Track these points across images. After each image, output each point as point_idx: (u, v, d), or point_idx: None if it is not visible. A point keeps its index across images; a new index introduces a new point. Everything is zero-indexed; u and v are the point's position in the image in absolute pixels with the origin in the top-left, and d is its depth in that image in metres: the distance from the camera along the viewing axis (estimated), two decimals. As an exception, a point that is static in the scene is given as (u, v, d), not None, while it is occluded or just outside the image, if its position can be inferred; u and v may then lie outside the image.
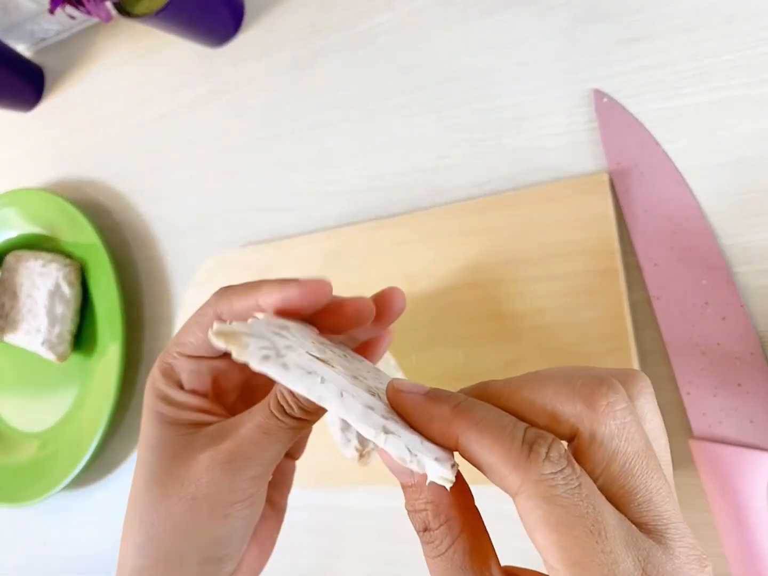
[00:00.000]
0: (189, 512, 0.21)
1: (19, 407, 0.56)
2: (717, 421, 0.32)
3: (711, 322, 0.33)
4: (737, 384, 0.32)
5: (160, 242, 0.53)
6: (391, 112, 0.44)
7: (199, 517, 0.21)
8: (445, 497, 0.18)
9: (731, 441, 0.32)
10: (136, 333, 0.52)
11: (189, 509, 0.21)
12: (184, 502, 0.21)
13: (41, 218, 0.55)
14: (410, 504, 0.20)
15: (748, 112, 0.34)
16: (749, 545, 0.30)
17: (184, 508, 0.21)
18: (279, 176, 0.48)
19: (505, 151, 0.39)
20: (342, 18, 0.46)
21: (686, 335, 0.34)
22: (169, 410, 0.23)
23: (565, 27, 0.38)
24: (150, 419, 0.23)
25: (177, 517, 0.21)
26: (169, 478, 0.22)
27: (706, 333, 0.33)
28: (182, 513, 0.21)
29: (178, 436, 0.22)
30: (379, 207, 0.43)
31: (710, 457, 0.32)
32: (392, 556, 0.40)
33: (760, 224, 0.33)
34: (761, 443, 0.31)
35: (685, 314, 0.34)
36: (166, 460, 0.22)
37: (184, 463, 0.21)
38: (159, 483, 0.22)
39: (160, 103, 0.54)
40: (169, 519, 0.21)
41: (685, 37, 0.35)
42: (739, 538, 0.30)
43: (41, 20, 0.59)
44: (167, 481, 0.22)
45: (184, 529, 0.21)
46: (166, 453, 0.22)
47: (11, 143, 0.63)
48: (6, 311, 0.53)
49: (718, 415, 0.32)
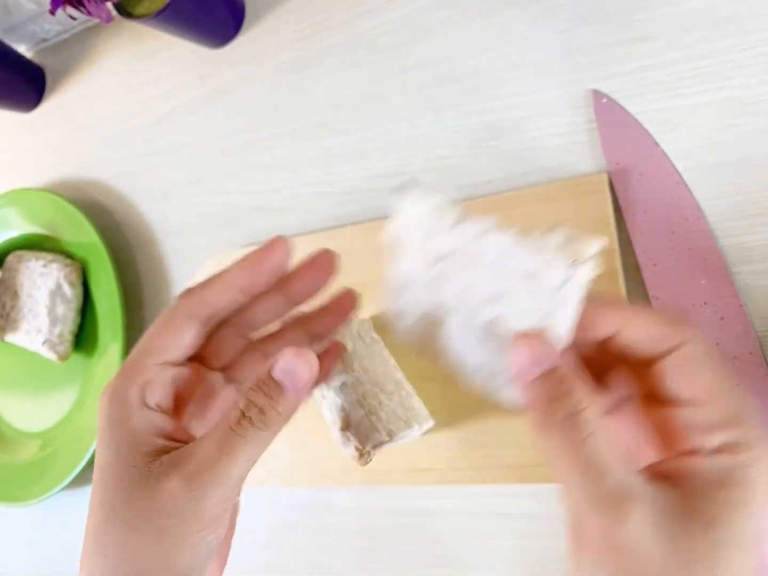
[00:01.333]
0: (155, 545, 0.21)
1: (20, 407, 0.57)
2: (716, 421, 0.32)
3: (710, 321, 0.33)
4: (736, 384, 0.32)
5: (160, 242, 0.53)
6: (391, 112, 0.44)
7: (166, 549, 0.21)
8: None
9: (730, 440, 0.32)
10: (137, 333, 0.52)
11: (155, 542, 0.21)
12: (150, 535, 0.21)
13: (42, 218, 0.56)
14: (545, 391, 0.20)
15: (746, 112, 0.34)
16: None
17: (149, 541, 0.21)
18: (279, 176, 0.48)
19: (505, 151, 0.39)
20: (342, 19, 0.46)
21: (685, 335, 0.34)
22: (128, 437, 0.22)
23: (565, 28, 0.39)
24: (107, 445, 0.22)
25: (143, 551, 0.21)
26: (131, 512, 0.21)
27: (705, 333, 0.33)
28: (148, 546, 0.21)
29: (139, 466, 0.21)
30: (379, 207, 0.43)
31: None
32: (391, 555, 0.40)
33: (759, 224, 0.33)
34: (760, 443, 0.31)
35: (684, 314, 0.34)
36: (126, 492, 0.21)
37: (147, 494, 0.21)
38: (120, 517, 0.21)
39: (160, 104, 0.54)
40: (134, 553, 0.21)
41: (684, 38, 0.35)
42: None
43: (42, 21, 0.60)
44: (130, 514, 0.21)
45: (151, 561, 0.21)
46: (126, 483, 0.21)
47: (12, 143, 0.63)
48: (7, 311, 0.53)
49: (716, 414, 0.32)
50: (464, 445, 0.36)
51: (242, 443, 0.21)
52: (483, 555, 0.37)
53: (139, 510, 0.21)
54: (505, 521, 0.37)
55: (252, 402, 0.22)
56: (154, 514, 0.20)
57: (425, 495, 0.39)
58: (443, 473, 0.36)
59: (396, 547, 0.40)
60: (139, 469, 0.21)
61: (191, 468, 0.21)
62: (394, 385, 0.36)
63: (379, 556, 0.40)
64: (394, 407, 0.33)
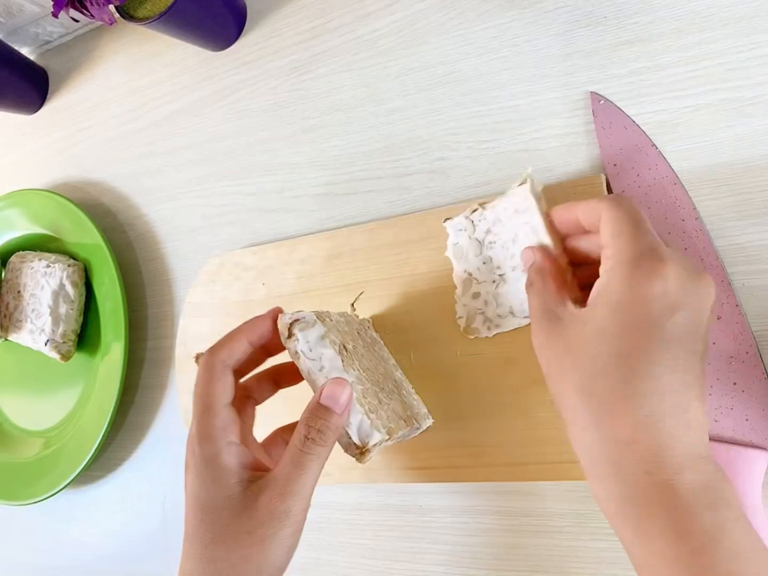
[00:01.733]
0: (259, 551, 0.27)
1: (24, 406, 0.57)
2: (712, 419, 0.33)
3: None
4: (732, 383, 0.32)
5: (163, 243, 0.53)
6: (391, 114, 0.44)
7: (268, 551, 0.27)
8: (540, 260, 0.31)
9: (726, 439, 0.32)
10: (140, 332, 0.53)
11: (259, 549, 0.27)
12: (254, 545, 0.27)
13: (45, 219, 0.56)
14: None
15: (743, 113, 0.34)
16: None
17: (255, 549, 0.27)
18: (280, 177, 0.48)
19: (503, 152, 0.40)
20: (342, 22, 0.47)
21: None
22: (223, 472, 0.28)
23: (562, 30, 0.39)
24: (204, 481, 0.28)
25: (248, 558, 0.27)
26: (237, 529, 0.27)
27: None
28: (253, 554, 0.27)
29: (235, 493, 0.28)
30: (379, 208, 0.44)
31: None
32: (391, 552, 0.40)
33: (755, 225, 0.33)
34: (756, 441, 0.32)
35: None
36: (230, 515, 0.27)
37: (248, 513, 0.27)
38: (227, 535, 0.27)
39: (162, 106, 0.55)
40: (243, 561, 0.27)
41: (681, 41, 0.36)
42: None
43: (45, 23, 0.60)
44: (236, 531, 0.27)
45: (255, 564, 0.27)
46: (228, 509, 0.27)
47: (16, 145, 0.64)
48: (10, 311, 0.54)
49: (713, 413, 0.33)
50: (462, 443, 0.36)
51: (310, 459, 0.28)
52: (481, 552, 0.38)
53: (243, 526, 0.27)
54: (503, 519, 0.37)
55: (311, 426, 0.28)
56: (257, 527, 0.27)
57: (424, 492, 0.39)
58: (441, 471, 0.37)
59: (395, 543, 0.40)
60: (238, 496, 0.28)
61: (279, 487, 0.27)
62: (393, 384, 0.36)
63: (379, 553, 0.40)
64: (394, 406, 0.34)
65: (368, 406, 0.31)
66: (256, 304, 0.45)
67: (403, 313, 0.40)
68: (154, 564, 0.50)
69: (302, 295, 0.43)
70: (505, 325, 0.36)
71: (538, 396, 0.35)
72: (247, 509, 0.27)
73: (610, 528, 0.34)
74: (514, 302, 0.35)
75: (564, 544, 0.35)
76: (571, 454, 0.33)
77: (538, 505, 0.36)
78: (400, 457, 0.38)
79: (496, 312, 0.36)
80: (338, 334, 0.33)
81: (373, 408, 0.31)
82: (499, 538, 0.37)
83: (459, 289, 0.37)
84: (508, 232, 0.35)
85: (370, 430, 0.30)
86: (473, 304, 0.37)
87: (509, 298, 0.35)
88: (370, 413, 0.31)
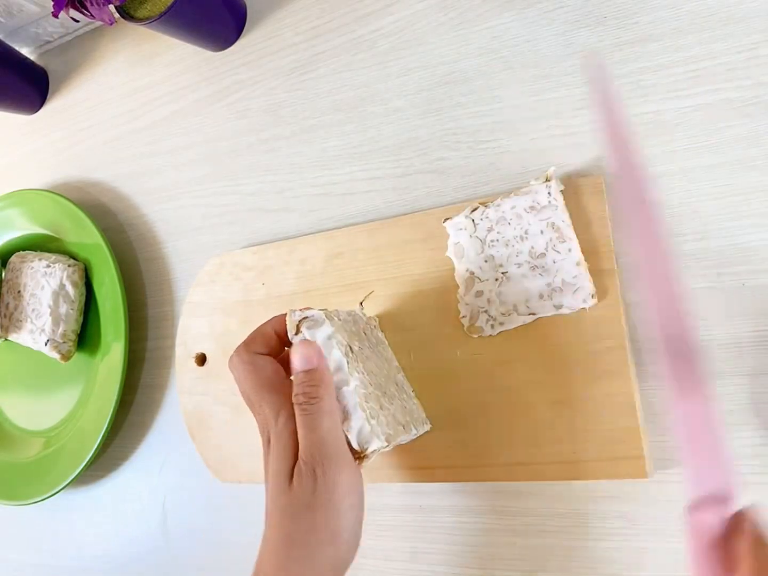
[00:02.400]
0: (327, 521, 0.29)
1: (24, 406, 0.57)
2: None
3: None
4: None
5: (163, 243, 0.53)
6: (391, 114, 0.44)
7: (338, 520, 0.29)
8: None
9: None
10: (140, 332, 0.53)
11: (323, 519, 0.29)
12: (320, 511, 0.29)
13: (46, 219, 0.56)
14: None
15: (742, 113, 0.34)
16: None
17: (321, 517, 0.29)
18: (280, 178, 0.48)
19: (503, 152, 0.40)
20: (343, 22, 0.47)
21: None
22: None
23: (563, 30, 0.39)
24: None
25: (319, 528, 0.29)
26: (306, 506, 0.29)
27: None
28: (323, 523, 0.29)
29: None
30: (379, 208, 0.44)
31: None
32: (390, 552, 0.40)
33: (754, 225, 0.33)
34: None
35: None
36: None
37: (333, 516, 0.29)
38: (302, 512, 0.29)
39: (162, 106, 0.55)
40: (314, 531, 0.29)
41: (681, 41, 0.36)
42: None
43: (45, 23, 0.60)
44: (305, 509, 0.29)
45: (332, 532, 0.29)
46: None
47: (16, 145, 0.64)
48: (10, 311, 0.54)
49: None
50: (462, 443, 0.36)
51: (314, 419, 0.29)
52: (481, 552, 0.38)
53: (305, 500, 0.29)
54: (503, 519, 0.37)
55: (298, 394, 0.30)
56: (316, 498, 0.29)
57: (424, 492, 0.39)
58: (441, 471, 0.37)
59: (395, 543, 0.40)
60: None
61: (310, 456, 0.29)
62: (395, 387, 0.36)
63: (379, 553, 0.40)
64: (394, 411, 0.33)
65: (369, 411, 0.31)
66: (256, 304, 0.45)
67: (402, 313, 0.40)
68: (153, 564, 0.50)
69: (302, 295, 0.43)
70: (508, 323, 0.36)
71: (538, 396, 0.35)
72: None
73: (610, 528, 0.34)
74: (518, 300, 0.35)
75: (564, 544, 0.35)
76: (570, 454, 0.34)
77: (538, 505, 0.36)
78: (400, 456, 0.38)
79: (499, 310, 0.36)
80: (345, 334, 0.33)
81: (374, 413, 0.31)
82: (499, 538, 0.37)
83: (461, 288, 0.37)
84: (515, 230, 0.35)
85: (369, 436, 0.30)
86: (476, 303, 0.37)
87: (512, 296, 0.36)
88: (371, 419, 0.30)
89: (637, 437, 0.32)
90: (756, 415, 0.32)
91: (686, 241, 0.34)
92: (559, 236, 0.35)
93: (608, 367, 0.33)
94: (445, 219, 0.38)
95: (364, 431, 0.30)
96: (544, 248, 0.35)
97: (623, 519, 0.34)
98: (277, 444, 0.30)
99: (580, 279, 0.34)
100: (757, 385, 0.32)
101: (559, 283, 0.35)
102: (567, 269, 0.34)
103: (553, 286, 0.35)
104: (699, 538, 0.24)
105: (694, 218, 0.34)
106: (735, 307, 0.33)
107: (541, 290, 0.35)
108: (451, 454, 0.37)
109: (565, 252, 0.35)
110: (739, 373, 0.33)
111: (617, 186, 0.30)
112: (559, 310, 0.35)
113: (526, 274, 0.35)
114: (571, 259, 0.34)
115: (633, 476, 0.32)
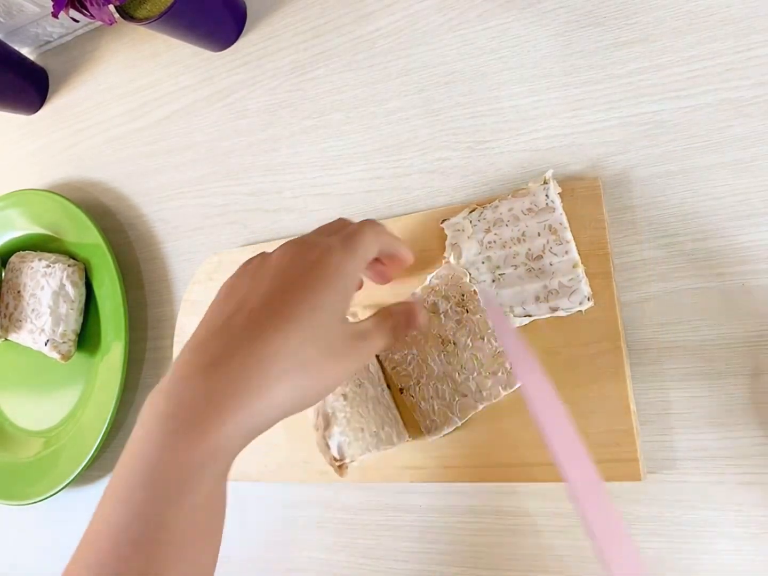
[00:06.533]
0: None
1: (24, 406, 0.57)
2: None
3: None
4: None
5: (162, 243, 0.53)
6: (391, 114, 0.44)
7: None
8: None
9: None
10: (139, 332, 0.53)
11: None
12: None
13: (45, 219, 0.56)
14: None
15: (741, 114, 0.34)
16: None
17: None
18: (280, 178, 0.48)
19: (503, 153, 0.40)
20: (342, 22, 0.47)
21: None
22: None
23: (562, 30, 0.39)
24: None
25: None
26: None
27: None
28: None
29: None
30: (378, 208, 0.44)
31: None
32: (389, 551, 0.40)
33: (753, 225, 0.33)
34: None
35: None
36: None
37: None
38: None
39: (162, 106, 0.55)
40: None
41: (680, 41, 0.36)
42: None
43: (45, 23, 0.60)
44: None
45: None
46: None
47: (16, 145, 0.64)
48: (10, 311, 0.54)
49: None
50: (461, 443, 0.36)
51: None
52: (481, 552, 0.38)
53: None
54: (503, 519, 0.37)
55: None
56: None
57: (424, 492, 0.39)
58: (436, 471, 0.37)
59: (396, 543, 0.40)
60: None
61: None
62: (376, 399, 0.37)
63: (379, 553, 0.40)
64: (380, 423, 0.35)
65: (352, 428, 0.32)
66: (256, 304, 0.45)
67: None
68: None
69: (302, 295, 0.43)
70: None
71: (537, 396, 0.35)
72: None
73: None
74: (514, 301, 0.35)
75: (563, 544, 0.35)
76: (570, 454, 0.34)
77: (538, 505, 0.36)
78: (398, 456, 0.38)
79: None
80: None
81: (353, 426, 0.32)
82: (499, 538, 0.37)
83: None
84: (513, 231, 0.35)
85: (353, 447, 0.31)
86: None
87: (509, 298, 0.36)
88: (357, 432, 0.32)
89: (632, 440, 0.32)
90: (756, 415, 0.32)
91: (686, 241, 0.34)
92: (556, 238, 0.35)
93: (603, 369, 0.33)
94: (443, 220, 0.38)
95: (347, 441, 0.31)
96: (541, 250, 0.35)
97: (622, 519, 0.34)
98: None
99: (577, 282, 0.34)
100: (757, 385, 0.32)
101: (555, 286, 0.34)
102: (564, 272, 0.34)
103: (550, 288, 0.35)
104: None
105: (694, 218, 0.34)
106: (735, 307, 0.33)
107: (538, 292, 0.35)
108: (449, 454, 0.37)
109: (562, 254, 0.34)
110: (739, 373, 0.33)
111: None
112: (555, 313, 0.34)
113: (522, 276, 0.35)
114: (568, 261, 0.34)
115: (627, 479, 0.32)
